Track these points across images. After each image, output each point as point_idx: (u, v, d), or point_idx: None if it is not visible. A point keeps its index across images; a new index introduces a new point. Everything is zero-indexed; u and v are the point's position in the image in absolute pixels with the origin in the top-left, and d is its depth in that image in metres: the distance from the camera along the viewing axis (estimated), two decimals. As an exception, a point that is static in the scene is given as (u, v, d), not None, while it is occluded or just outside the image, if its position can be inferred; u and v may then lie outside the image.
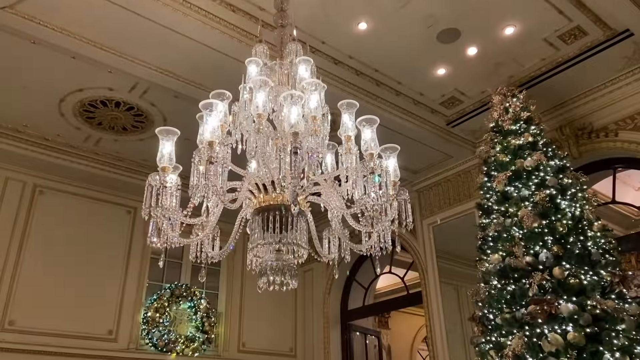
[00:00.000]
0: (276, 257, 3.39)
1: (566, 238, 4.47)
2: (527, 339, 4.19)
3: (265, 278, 3.38)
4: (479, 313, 4.85)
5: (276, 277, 3.36)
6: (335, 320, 9.25)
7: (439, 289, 7.67)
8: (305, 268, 9.83)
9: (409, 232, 8.18)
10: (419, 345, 14.96)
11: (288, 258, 3.43)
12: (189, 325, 7.89)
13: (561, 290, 4.23)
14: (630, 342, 3.88)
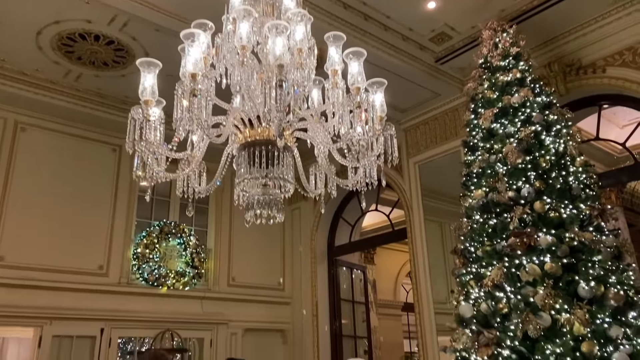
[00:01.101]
0: (263, 191, 3.41)
1: (549, 173, 4.54)
2: (506, 269, 4.34)
3: (252, 212, 3.43)
4: (461, 246, 4.99)
5: (263, 211, 3.40)
6: (322, 256, 9.49)
7: (423, 225, 7.85)
8: (293, 206, 9.96)
9: (395, 170, 8.30)
10: (402, 279, 15.51)
11: (274, 192, 3.46)
12: (178, 260, 8.05)
13: (541, 223, 4.34)
14: (605, 272, 4.04)
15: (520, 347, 3.93)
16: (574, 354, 3.71)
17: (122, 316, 7.20)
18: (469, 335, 4.38)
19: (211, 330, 8.04)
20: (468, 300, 4.56)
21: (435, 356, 7.13)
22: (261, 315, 8.72)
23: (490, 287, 4.38)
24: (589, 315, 3.80)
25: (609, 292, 3.91)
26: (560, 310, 3.91)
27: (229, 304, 8.34)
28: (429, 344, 7.29)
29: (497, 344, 4.05)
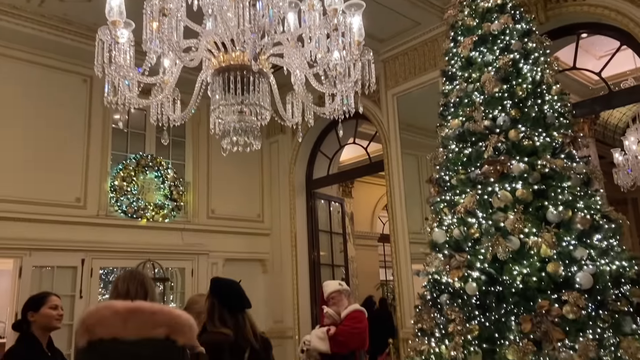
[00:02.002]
0: (239, 118, 3.37)
1: (524, 102, 4.56)
2: (479, 196, 4.44)
3: (228, 139, 3.40)
4: (436, 175, 5.06)
5: (239, 138, 3.38)
6: (300, 189, 9.59)
7: (400, 158, 7.94)
8: (272, 140, 9.92)
9: (373, 102, 8.26)
10: (379, 212, 15.88)
11: (251, 119, 3.42)
12: (157, 193, 8.05)
13: (515, 151, 4.41)
14: (574, 198, 4.17)
15: (490, 269, 4.10)
16: (539, 274, 3.89)
17: (102, 247, 7.26)
18: (441, 259, 4.54)
19: (192, 260, 8.20)
20: (441, 226, 4.69)
21: (409, 283, 7.43)
22: (241, 246, 8.89)
23: (463, 214, 4.50)
24: (556, 238, 3.96)
25: (576, 216, 4.06)
26: (529, 233, 4.06)
27: (209, 235, 8.47)
28: (404, 271, 7.57)
29: (467, 266, 4.22)
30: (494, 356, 3.82)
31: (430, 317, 4.47)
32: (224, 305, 2.47)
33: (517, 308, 3.87)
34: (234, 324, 2.44)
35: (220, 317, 2.45)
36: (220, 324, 2.42)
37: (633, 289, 3.86)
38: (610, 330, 3.64)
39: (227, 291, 2.54)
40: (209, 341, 2.34)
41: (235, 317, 2.46)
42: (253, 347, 2.42)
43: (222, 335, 2.38)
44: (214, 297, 2.50)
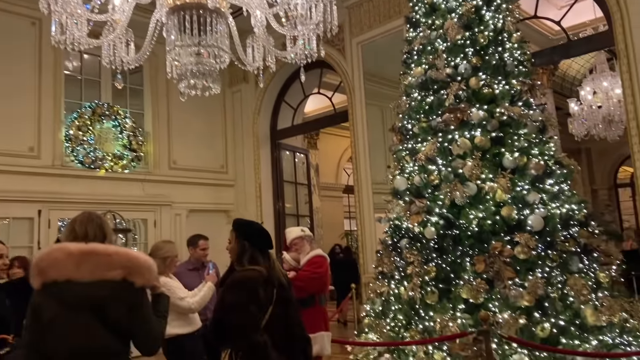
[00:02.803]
0: (196, 60, 3.27)
1: (486, 50, 4.58)
2: (440, 144, 4.51)
3: (185, 82, 3.30)
4: (399, 124, 5.10)
5: (197, 81, 3.28)
6: (264, 139, 9.51)
7: (364, 109, 7.92)
8: (234, 89, 9.71)
9: (337, 51, 8.13)
10: (344, 164, 15.99)
11: (209, 62, 3.32)
12: (115, 143, 7.83)
13: (475, 99, 4.46)
14: (529, 144, 4.29)
15: (448, 213, 4.22)
16: (494, 218, 4.03)
17: (59, 198, 7.07)
18: (402, 206, 4.64)
19: (154, 212, 8.11)
20: (403, 174, 4.76)
21: (372, 231, 7.59)
22: (205, 197, 8.83)
23: (424, 161, 4.58)
24: (511, 183, 4.09)
25: (531, 162, 4.18)
26: (485, 179, 4.17)
27: (171, 186, 8.36)
28: (367, 220, 7.72)
29: (427, 211, 4.33)
30: (449, 295, 3.99)
31: (390, 260, 4.61)
32: (255, 246, 2.52)
33: (472, 250, 4.02)
34: (265, 262, 2.50)
35: (251, 257, 2.50)
36: (250, 264, 2.48)
37: (581, 230, 4.06)
38: (558, 269, 3.84)
39: (258, 232, 2.59)
40: (244, 277, 2.42)
41: (265, 256, 2.52)
42: (281, 282, 2.50)
43: (255, 272, 2.44)
44: (244, 239, 2.53)
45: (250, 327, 2.22)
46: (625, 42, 5.29)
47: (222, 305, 2.36)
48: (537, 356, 3.58)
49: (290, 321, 2.42)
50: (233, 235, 2.54)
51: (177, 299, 3.72)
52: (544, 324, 3.65)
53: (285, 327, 2.38)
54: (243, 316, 2.23)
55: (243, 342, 2.21)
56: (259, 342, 2.19)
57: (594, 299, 3.77)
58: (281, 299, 2.40)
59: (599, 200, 15.25)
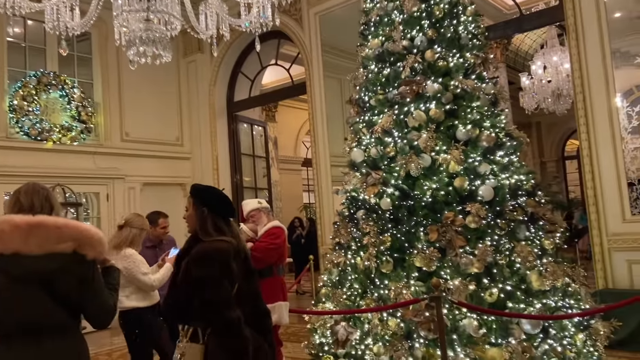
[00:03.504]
0: (146, 27, 3.15)
1: (441, 22, 4.61)
2: (396, 116, 4.56)
3: (134, 49, 3.18)
4: (356, 96, 5.11)
5: (147, 48, 3.17)
6: (221, 111, 9.34)
7: (322, 81, 7.88)
8: (189, 59, 9.45)
9: (295, 21, 8.00)
10: (303, 137, 15.96)
11: (159, 28, 3.20)
12: (63, 114, 7.50)
13: (430, 72, 4.51)
14: (481, 117, 4.39)
15: (403, 185, 4.30)
16: (447, 189, 4.14)
17: (4, 171, 6.76)
18: (358, 178, 4.69)
19: (107, 185, 7.89)
20: (360, 146, 4.80)
21: (329, 203, 7.66)
22: (160, 170, 8.64)
23: (380, 133, 4.62)
24: (464, 155, 4.19)
25: (483, 134, 4.29)
26: (439, 151, 4.26)
27: (124, 159, 8.13)
28: (325, 193, 7.77)
29: (383, 183, 4.39)
30: (404, 264, 4.10)
31: (347, 231, 4.67)
32: (216, 213, 2.29)
33: (426, 220, 4.13)
34: (231, 232, 2.29)
35: (214, 225, 2.27)
36: (217, 233, 2.25)
37: (528, 200, 4.22)
38: (506, 237, 4.00)
39: (217, 198, 2.35)
40: (215, 249, 2.16)
41: (228, 225, 2.31)
42: (247, 254, 2.34)
43: (226, 243, 2.22)
44: (202, 205, 2.29)
45: (225, 303, 2.06)
46: (574, 16, 5.44)
47: (188, 279, 2.14)
48: (486, 320, 3.75)
49: (255, 295, 2.31)
50: (190, 201, 2.34)
51: (140, 274, 3.68)
52: (492, 289, 3.81)
53: (252, 301, 2.26)
54: (216, 291, 2.06)
55: (216, 320, 2.05)
56: (233, 318, 2.04)
57: (539, 265, 3.96)
58: (247, 271, 2.30)
59: (548, 172, 15.90)
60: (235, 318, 2.05)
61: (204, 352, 2.08)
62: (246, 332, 2.06)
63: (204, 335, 2.12)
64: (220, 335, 2.06)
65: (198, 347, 2.11)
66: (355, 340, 4.11)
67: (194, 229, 2.31)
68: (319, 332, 4.53)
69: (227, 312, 2.05)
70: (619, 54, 5.45)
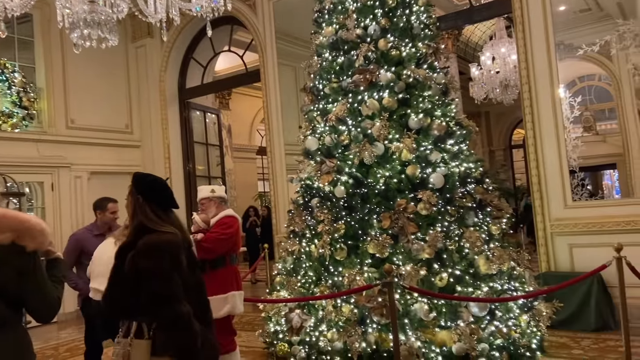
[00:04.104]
0: (90, 9, 3.01)
1: (394, 12, 4.66)
2: (350, 104, 4.59)
3: (78, 31, 3.04)
4: (310, 84, 5.10)
5: (92, 31, 3.04)
6: (172, 98, 9.10)
7: (277, 68, 7.80)
8: (138, 44, 9.14)
9: (248, 7, 7.87)
10: (258, 125, 15.80)
11: (105, 11, 3.07)
12: (3, 100, 7.09)
13: (383, 61, 4.56)
14: (433, 106, 4.48)
15: (357, 173, 4.34)
16: (399, 176, 4.21)
17: (-62, 160, 6.36)
18: (313, 166, 4.70)
19: (51, 174, 7.55)
20: (314, 134, 4.81)
21: (284, 192, 7.64)
22: (108, 159, 8.35)
23: (334, 122, 4.64)
24: (416, 143, 4.28)
25: (434, 123, 4.38)
26: (392, 139, 4.33)
27: (69, 147, 7.79)
28: (280, 181, 7.74)
29: (337, 171, 4.42)
30: (357, 251, 4.16)
31: (301, 220, 4.69)
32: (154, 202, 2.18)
33: (379, 207, 4.20)
34: (174, 223, 2.20)
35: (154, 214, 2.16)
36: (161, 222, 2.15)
37: (477, 187, 4.36)
38: (455, 223, 4.12)
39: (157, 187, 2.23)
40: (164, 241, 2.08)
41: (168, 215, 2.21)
42: (190, 245, 2.26)
43: (175, 235, 2.14)
44: (138, 193, 2.18)
45: (175, 297, 1.99)
46: (521, 9, 5.61)
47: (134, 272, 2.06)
48: (436, 304, 3.86)
49: (200, 287, 2.27)
50: (131, 189, 2.25)
51: None
52: (442, 274, 3.93)
53: (197, 294, 2.21)
54: (166, 285, 1.99)
55: (165, 314, 1.99)
56: (183, 312, 1.98)
57: (487, 249, 4.11)
58: (191, 263, 2.25)
59: (496, 160, 16.45)
60: (185, 312, 2.00)
61: (151, 347, 2.02)
62: (195, 326, 2.01)
63: (149, 331, 2.05)
64: (168, 330, 1.99)
65: (144, 343, 2.03)
66: (309, 327, 4.15)
67: (131, 217, 2.22)
68: (274, 320, 4.54)
69: (178, 306, 1.99)
70: (563, 46, 5.67)
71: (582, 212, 5.37)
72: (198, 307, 2.14)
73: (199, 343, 1.99)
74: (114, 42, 3.08)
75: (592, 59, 6.05)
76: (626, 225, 4.97)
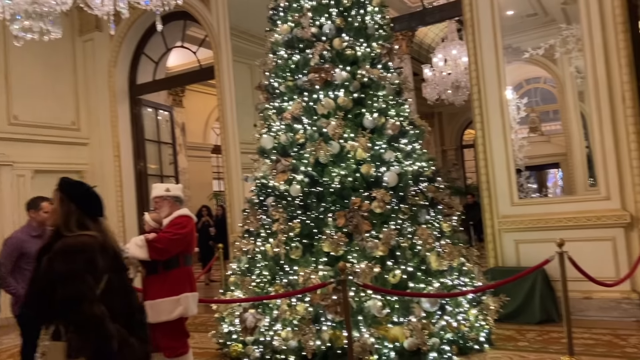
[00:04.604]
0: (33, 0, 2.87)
1: (349, 11, 4.70)
2: (305, 103, 4.59)
3: (19, 23, 2.90)
4: (266, 82, 5.07)
5: (33, 23, 2.90)
6: (122, 94, 8.81)
7: (231, 65, 7.69)
8: (85, 38, 8.79)
9: (201, 2, 7.72)
10: (213, 123, 15.55)
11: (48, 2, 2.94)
12: (-64, 94, 6.68)
13: (338, 60, 4.58)
14: (387, 106, 4.55)
15: (312, 171, 4.35)
16: (354, 175, 4.25)
17: None
18: (268, 164, 4.68)
19: (-9, 173, 7.17)
20: (270, 132, 4.78)
21: (239, 191, 7.54)
22: (54, 157, 7.99)
23: (290, 120, 4.63)
24: (370, 142, 4.33)
25: (388, 122, 4.45)
26: (347, 138, 4.36)
27: (11, 144, 7.41)
28: (234, 180, 7.64)
29: (292, 170, 4.42)
30: (312, 250, 4.16)
31: (256, 219, 4.65)
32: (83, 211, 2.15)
33: (334, 206, 4.22)
34: (97, 229, 2.15)
35: (78, 222, 2.13)
36: (79, 230, 2.11)
37: (429, 185, 4.46)
38: (408, 220, 4.20)
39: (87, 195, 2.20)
40: (79, 244, 2.05)
41: (95, 223, 2.17)
42: (116, 250, 2.21)
43: (90, 237, 2.09)
44: (70, 201, 2.15)
45: (87, 299, 2.00)
46: (471, 12, 5.76)
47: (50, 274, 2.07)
48: (389, 300, 3.92)
49: (127, 290, 2.26)
50: (56, 195, 2.21)
51: None
52: (395, 271, 3.99)
53: (123, 297, 2.20)
54: (79, 287, 2.00)
55: (77, 316, 1.99)
56: (96, 314, 1.98)
57: (438, 246, 4.20)
58: (118, 267, 2.23)
59: (448, 159, 16.87)
60: (98, 314, 2.00)
61: (66, 349, 2.00)
62: (110, 328, 2.01)
63: (66, 332, 2.04)
64: (82, 331, 1.99)
65: (60, 345, 2.02)
66: (263, 326, 4.12)
67: (56, 223, 2.18)
68: (227, 320, 4.48)
69: (90, 308, 2.00)
70: (510, 49, 5.87)
71: (527, 209, 5.58)
72: (123, 310, 2.14)
73: (114, 345, 1.99)
74: (57, 35, 2.96)
75: (537, 62, 6.30)
76: (568, 222, 5.20)
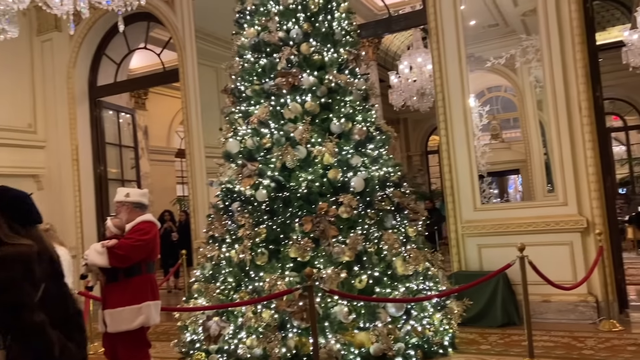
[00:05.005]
0: (-14, -5, 2.74)
1: (316, 17, 4.70)
2: (272, 107, 4.55)
3: (-28, 19, 2.76)
4: (232, 85, 5.01)
5: (-12, 20, 2.77)
6: (82, 96, 8.55)
7: (196, 68, 7.59)
8: (44, 37, 8.50)
9: (165, 3, 7.59)
10: (177, 127, 15.29)
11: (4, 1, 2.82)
12: None
13: (305, 64, 4.57)
14: (354, 111, 4.57)
15: (279, 176, 4.31)
16: (321, 180, 4.24)
17: None
18: (234, 169, 4.61)
19: (-60, 177, 6.81)
20: (235, 137, 4.72)
21: (204, 196, 7.42)
22: (8, 160, 7.67)
23: (256, 124, 4.59)
24: (337, 147, 4.33)
25: (355, 128, 4.46)
26: (314, 143, 4.35)
27: (-38, 147, 7.09)
28: (199, 185, 7.52)
29: (259, 174, 4.37)
30: (279, 255, 4.12)
31: (221, 224, 4.57)
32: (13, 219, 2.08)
33: (301, 211, 4.19)
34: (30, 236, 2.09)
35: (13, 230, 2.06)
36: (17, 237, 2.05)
37: (395, 190, 4.49)
38: (375, 226, 4.22)
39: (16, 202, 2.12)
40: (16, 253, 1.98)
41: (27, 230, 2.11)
42: (52, 256, 2.15)
43: (27, 246, 2.03)
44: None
45: (26, 307, 1.96)
46: (436, 21, 5.86)
47: None
48: (355, 306, 3.92)
49: (64, 296, 2.24)
50: None
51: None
52: (361, 276, 4.00)
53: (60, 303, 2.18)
54: (16, 295, 1.96)
55: (17, 324, 1.95)
56: (36, 322, 1.95)
57: (404, 251, 4.23)
58: (54, 273, 2.19)
59: (413, 165, 17.11)
60: (39, 322, 1.97)
61: (6, 358, 1.96)
62: (51, 335, 1.99)
63: (5, 341, 1.99)
64: (22, 339, 1.96)
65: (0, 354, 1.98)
66: (228, 334, 4.04)
67: None
68: (190, 329, 4.38)
69: (30, 316, 1.96)
70: (473, 58, 6.01)
71: (489, 214, 5.70)
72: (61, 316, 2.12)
73: (56, 352, 1.97)
74: (13, 34, 2.84)
75: (499, 71, 6.47)
76: (528, 227, 5.34)
